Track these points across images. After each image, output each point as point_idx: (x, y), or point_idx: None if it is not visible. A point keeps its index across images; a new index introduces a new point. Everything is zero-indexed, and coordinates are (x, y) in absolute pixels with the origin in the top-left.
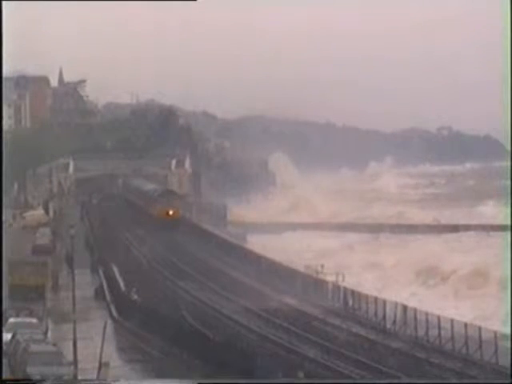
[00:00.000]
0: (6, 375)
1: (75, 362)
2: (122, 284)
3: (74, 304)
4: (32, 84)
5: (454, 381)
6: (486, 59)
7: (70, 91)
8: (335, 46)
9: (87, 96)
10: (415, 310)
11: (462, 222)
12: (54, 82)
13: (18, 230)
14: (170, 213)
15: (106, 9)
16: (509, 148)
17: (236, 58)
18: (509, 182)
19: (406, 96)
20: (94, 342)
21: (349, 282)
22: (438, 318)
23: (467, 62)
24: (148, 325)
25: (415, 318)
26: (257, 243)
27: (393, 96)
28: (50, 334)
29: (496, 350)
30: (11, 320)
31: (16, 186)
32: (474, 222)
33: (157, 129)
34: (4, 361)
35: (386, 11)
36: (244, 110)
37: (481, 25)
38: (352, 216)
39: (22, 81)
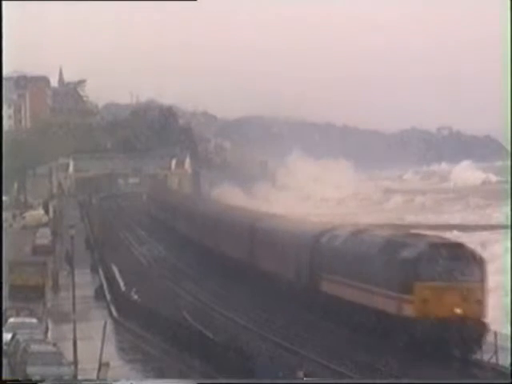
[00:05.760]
0: (6, 375)
1: (75, 362)
2: (121, 284)
3: (73, 304)
4: (32, 84)
5: (454, 381)
6: (486, 60)
7: (70, 91)
8: (335, 47)
9: (87, 96)
10: None
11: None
12: (54, 82)
13: (18, 230)
14: (458, 311)
15: (106, 9)
16: (509, 148)
17: (236, 59)
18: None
19: (406, 96)
20: (94, 341)
21: None
22: None
23: (467, 63)
24: (148, 325)
25: None
26: None
27: (393, 97)
28: (49, 333)
29: (496, 351)
30: (11, 320)
31: (16, 186)
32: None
33: (157, 129)
34: (4, 361)
35: (386, 15)
36: (244, 111)
37: (480, 26)
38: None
39: (22, 81)
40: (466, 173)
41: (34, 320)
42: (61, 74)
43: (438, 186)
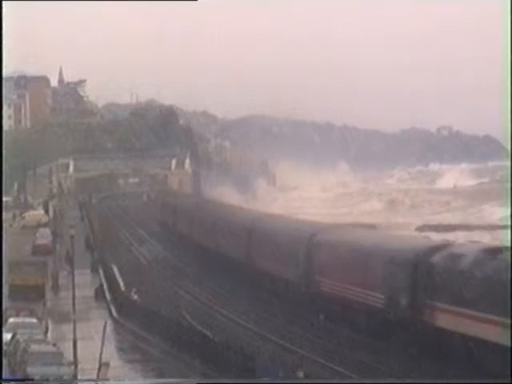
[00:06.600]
0: (5, 375)
1: (75, 362)
2: (121, 284)
3: (73, 304)
4: (32, 84)
5: (454, 381)
6: (486, 60)
7: (70, 91)
8: (335, 47)
9: (87, 96)
10: None
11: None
12: (54, 82)
13: (18, 230)
14: None
15: (106, 9)
16: (509, 148)
17: (236, 59)
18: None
19: (406, 97)
20: (94, 342)
21: None
22: None
23: (467, 64)
24: (148, 325)
25: None
26: None
27: (393, 97)
28: (49, 334)
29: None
30: (11, 320)
31: (16, 186)
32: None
33: (157, 129)
34: (4, 361)
35: (387, 15)
36: (244, 111)
37: (480, 26)
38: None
39: (22, 81)
40: (461, 174)
41: (34, 320)
42: (61, 73)
43: (431, 186)
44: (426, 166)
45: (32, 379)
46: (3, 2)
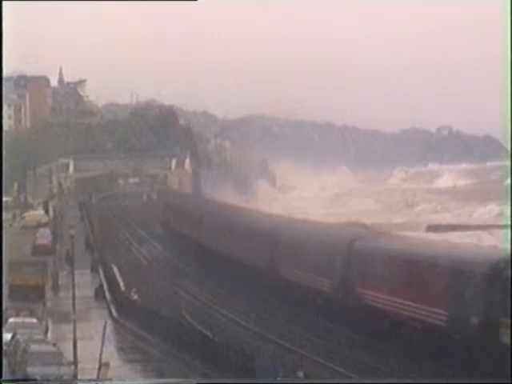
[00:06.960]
0: (5, 375)
1: (75, 362)
2: (121, 284)
3: (73, 304)
4: (32, 84)
5: (454, 381)
6: (486, 60)
7: (70, 91)
8: (335, 47)
9: (87, 96)
10: None
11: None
12: (54, 82)
13: (18, 230)
14: None
15: (106, 9)
16: (509, 148)
17: (236, 59)
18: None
19: (406, 97)
20: (94, 342)
21: None
22: None
23: (467, 64)
24: (148, 325)
25: None
26: None
27: (393, 97)
28: (49, 334)
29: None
30: (11, 320)
31: (16, 186)
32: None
33: (157, 129)
34: (4, 361)
35: (387, 15)
36: (244, 111)
37: (480, 26)
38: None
39: (22, 81)
40: (461, 174)
41: (34, 320)
42: (61, 73)
43: (431, 186)
44: (426, 166)
45: (32, 379)
46: (3, 2)
